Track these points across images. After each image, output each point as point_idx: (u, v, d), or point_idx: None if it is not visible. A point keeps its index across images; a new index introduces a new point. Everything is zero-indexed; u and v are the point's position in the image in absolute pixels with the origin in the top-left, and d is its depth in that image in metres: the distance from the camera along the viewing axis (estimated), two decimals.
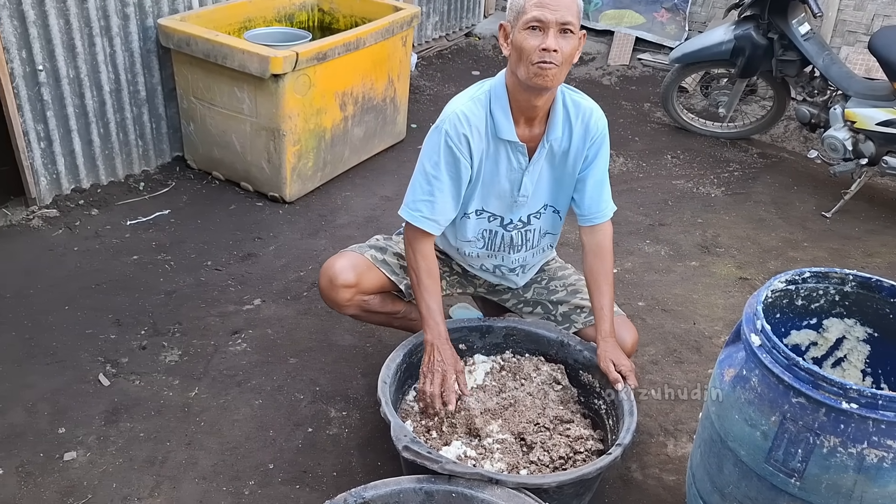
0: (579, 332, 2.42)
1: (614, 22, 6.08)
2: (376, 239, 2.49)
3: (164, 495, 2.21)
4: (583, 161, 2.23)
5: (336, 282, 2.31)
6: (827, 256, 3.62)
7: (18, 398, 2.51)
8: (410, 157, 4.31)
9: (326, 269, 2.34)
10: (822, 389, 1.58)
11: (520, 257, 2.40)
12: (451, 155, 2.12)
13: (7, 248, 3.26)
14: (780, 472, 1.67)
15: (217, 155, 3.82)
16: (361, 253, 2.38)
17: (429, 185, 2.15)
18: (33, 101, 3.32)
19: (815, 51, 4.09)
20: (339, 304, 2.35)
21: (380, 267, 2.36)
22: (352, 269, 2.32)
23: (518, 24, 1.99)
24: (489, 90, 2.15)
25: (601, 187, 2.28)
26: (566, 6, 1.96)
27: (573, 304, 2.45)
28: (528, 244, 2.38)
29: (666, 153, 4.58)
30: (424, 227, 2.18)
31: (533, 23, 1.95)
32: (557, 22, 1.95)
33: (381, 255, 2.39)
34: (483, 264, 2.43)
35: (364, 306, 2.39)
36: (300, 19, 4.39)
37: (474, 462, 2.07)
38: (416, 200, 2.17)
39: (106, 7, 3.44)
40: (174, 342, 2.81)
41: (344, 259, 2.35)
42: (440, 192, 2.15)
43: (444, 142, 2.11)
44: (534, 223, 2.34)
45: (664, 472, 2.39)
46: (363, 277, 2.33)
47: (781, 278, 1.90)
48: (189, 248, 3.37)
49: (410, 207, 2.18)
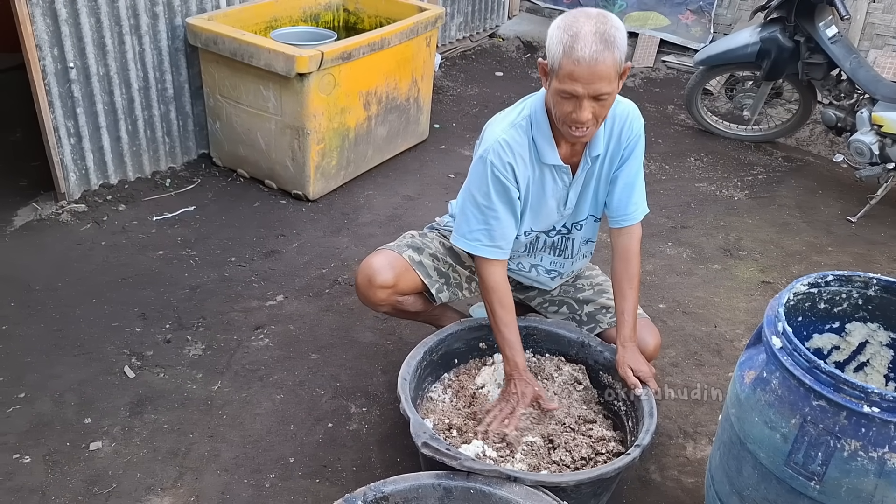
0: (604, 333, 2.42)
1: (639, 24, 6.06)
2: (412, 236, 2.47)
3: (187, 486, 2.24)
4: (618, 160, 2.21)
5: (374, 282, 2.30)
6: (852, 261, 3.59)
7: (46, 388, 2.56)
8: (433, 156, 4.34)
9: (365, 268, 2.33)
10: (843, 393, 1.57)
11: (559, 262, 2.40)
12: (500, 184, 2.10)
13: (36, 242, 3.32)
14: (799, 475, 1.67)
15: (242, 153, 3.87)
16: (400, 253, 2.36)
17: (482, 214, 2.13)
18: (64, 97, 3.38)
19: (842, 54, 4.05)
20: (374, 303, 2.36)
21: (416, 269, 2.35)
22: (390, 270, 2.31)
23: (553, 80, 1.93)
24: (529, 116, 2.11)
25: (631, 189, 2.24)
26: (601, 76, 1.87)
27: (599, 303, 2.45)
28: (567, 251, 2.38)
29: (689, 156, 4.56)
30: (488, 255, 2.17)
31: (564, 94, 1.92)
32: (590, 95, 1.90)
33: (417, 255, 2.38)
34: (520, 262, 2.42)
35: (397, 306, 2.40)
36: (326, 19, 4.42)
37: (493, 461, 2.08)
38: (472, 231, 2.15)
39: (136, 6, 3.50)
40: (198, 336, 2.85)
41: (382, 258, 2.34)
42: (495, 219, 2.13)
43: (491, 172, 2.08)
44: (575, 233, 2.34)
45: (683, 473, 2.39)
46: (401, 279, 2.33)
47: (804, 281, 1.89)
48: (213, 244, 3.41)
49: (468, 238, 2.17)
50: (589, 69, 1.85)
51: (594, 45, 1.84)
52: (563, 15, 1.94)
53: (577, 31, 1.85)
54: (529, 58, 6.00)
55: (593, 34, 1.85)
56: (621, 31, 1.89)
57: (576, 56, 1.85)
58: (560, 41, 1.88)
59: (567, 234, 2.34)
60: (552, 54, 1.91)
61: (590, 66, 1.85)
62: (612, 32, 1.87)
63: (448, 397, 2.33)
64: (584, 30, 1.85)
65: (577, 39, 1.85)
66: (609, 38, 1.86)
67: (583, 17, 1.88)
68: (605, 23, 1.87)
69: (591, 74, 1.86)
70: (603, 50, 1.85)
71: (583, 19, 1.87)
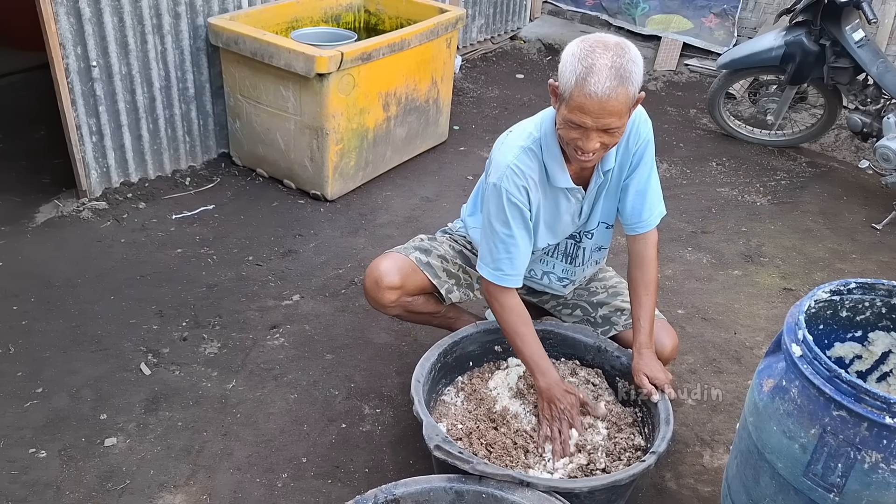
0: (619, 336, 2.39)
1: (661, 27, 6.02)
2: (420, 239, 2.48)
3: (199, 484, 2.25)
4: (627, 168, 2.18)
5: (381, 284, 2.31)
6: (876, 269, 3.52)
7: (63, 384, 2.58)
8: (452, 158, 4.33)
9: (372, 271, 2.35)
10: (864, 403, 1.54)
11: (570, 269, 2.38)
12: (517, 209, 2.08)
13: (57, 239, 3.35)
14: (818, 486, 1.63)
15: (261, 152, 3.88)
16: (406, 255, 2.37)
17: (503, 244, 2.11)
18: (87, 96, 3.41)
19: (868, 58, 3.99)
20: (383, 305, 2.36)
21: (423, 269, 2.36)
22: (397, 272, 2.32)
23: (562, 106, 1.89)
24: (540, 139, 2.07)
25: (644, 196, 2.21)
26: (611, 112, 1.83)
27: (614, 305, 2.43)
28: (579, 258, 2.36)
29: (711, 160, 4.51)
30: (510, 285, 2.15)
31: (572, 123, 1.88)
32: (598, 128, 1.86)
33: (425, 257, 2.39)
34: (532, 270, 2.40)
35: (407, 307, 2.40)
36: (347, 20, 4.43)
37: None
38: (495, 261, 2.13)
39: (158, 5, 3.52)
40: (214, 335, 2.86)
41: (389, 260, 2.35)
42: (515, 247, 2.12)
43: (508, 200, 2.06)
44: (585, 241, 2.32)
45: (699, 482, 2.35)
46: (408, 279, 2.34)
47: (825, 288, 1.85)
48: (231, 243, 3.42)
49: (492, 268, 2.14)
50: (600, 104, 1.81)
51: (608, 81, 1.79)
52: (582, 41, 1.87)
53: (592, 64, 1.79)
54: (551, 60, 5.97)
55: (609, 68, 1.79)
56: (638, 64, 1.84)
57: (588, 90, 1.80)
58: (574, 71, 1.82)
59: (577, 242, 2.32)
60: (564, 81, 1.85)
61: (601, 101, 1.80)
62: (628, 66, 1.81)
63: (460, 401, 2.32)
64: (600, 63, 1.79)
65: (592, 73, 1.79)
66: (625, 73, 1.80)
67: (600, 48, 1.81)
68: (622, 55, 1.81)
69: (601, 110, 1.82)
70: (617, 86, 1.80)
71: (600, 50, 1.81)
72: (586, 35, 1.89)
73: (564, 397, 2.13)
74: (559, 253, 2.35)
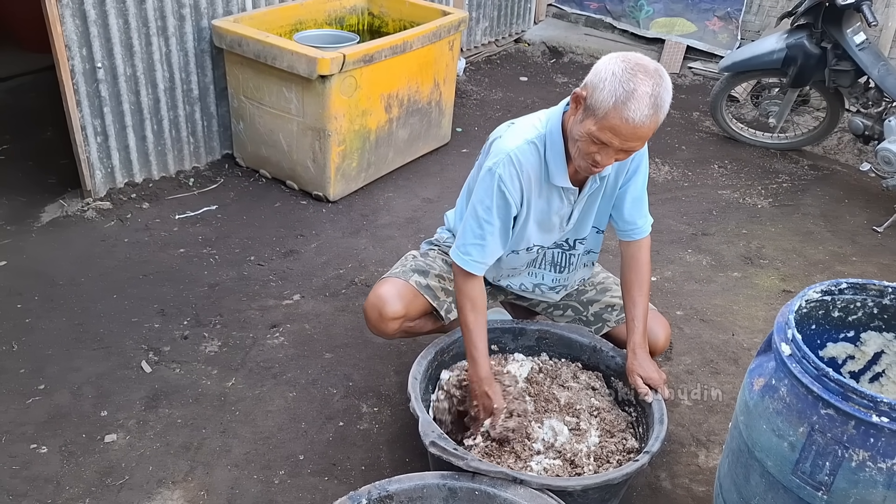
0: (611, 332, 2.41)
1: (665, 30, 6.02)
2: (413, 258, 2.45)
3: (198, 480, 2.27)
4: (624, 175, 2.19)
5: (386, 315, 2.30)
6: (876, 272, 3.52)
7: (65, 381, 2.61)
8: (454, 160, 4.35)
9: (374, 301, 2.32)
10: (851, 401, 1.55)
11: (561, 277, 2.39)
12: (503, 199, 2.07)
13: (62, 238, 3.39)
14: (807, 484, 1.64)
15: (264, 153, 3.91)
16: (406, 280, 2.35)
17: (480, 229, 2.10)
18: (91, 97, 3.45)
19: (870, 61, 3.99)
20: (386, 334, 2.37)
21: (424, 293, 2.35)
22: (399, 300, 2.30)
23: (588, 120, 1.86)
24: (545, 134, 2.05)
25: (640, 203, 2.22)
26: (641, 137, 1.84)
27: (604, 302, 2.44)
28: (569, 266, 2.37)
29: (713, 163, 4.52)
30: (473, 271, 2.13)
31: (596, 140, 1.87)
32: (622, 149, 1.87)
33: (423, 279, 2.37)
34: (522, 283, 2.42)
35: (409, 330, 2.41)
36: (350, 22, 4.46)
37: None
38: (466, 244, 2.12)
39: (163, 8, 3.56)
40: (215, 333, 2.88)
41: (390, 288, 2.33)
42: (491, 235, 2.10)
43: (498, 186, 2.04)
44: (578, 247, 2.32)
45: (694, 482, 2.36)
46: (410, 306, 2.33)
47: (817, 288, 1.87)
48: (234, 243, 3.45)
49: (461, 251, 2.13)
50: (633, 130, 1.81)
51: (647, 109, 1.78)
52: (622, 59, 1.83)
53: (634, 90, 1.77)
54: (555, 63, 5.99)
55: (649, 96, 1.78)
56: (670, 93, 1.83)
57: (626, 115, 1.79)
58: (613, 92, 1.79)
59: (569, 250, 2.32)
60: (600, 100, 1.81)
61: (636, 127, 1.80)
62: (664, 97, 1.81)
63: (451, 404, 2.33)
64: (641, 90, 1.77)
65: (633, 98, 1.77)
66: (661, 104, 1.81)
67: (641, 73, 1.79)
68: (661, 84, 1.80)
69: (632, 135, 1.82)
70: (652, 114, 1.80)
71: (641, 76, 1.78)
72: (624, 53, 1.86)
73: (481, 397, 2.14)
74: (546, 263, 2.35)
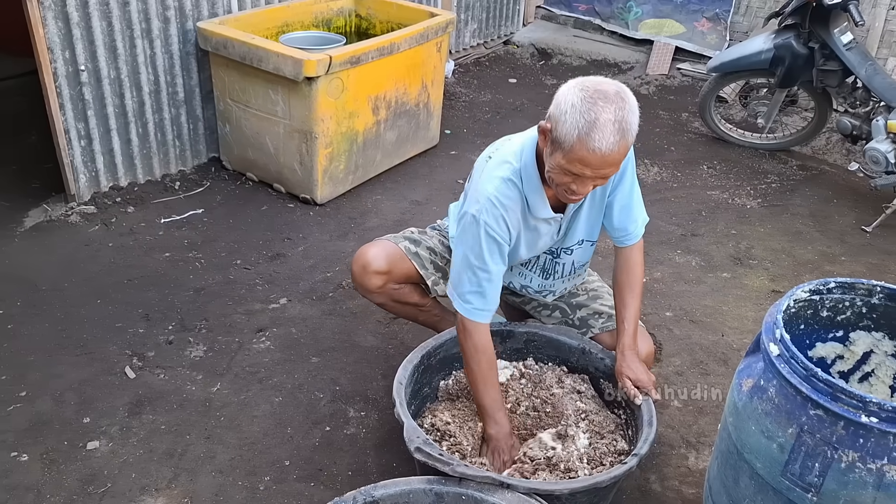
0: (595, 338, 2.39)
1: (654, 31, 6.02)
2: (411, 231, 2.49)
3: (181, 487, 2.24)
4: (610, 185, 2.15)
5: (369, 268, 2.34)
6: (865, 271, 3.52)
7: (47, 387, 2.57)
8: (443, 162, 4.33)
9: (360, 256, 2.38)
10: (840, 402, 1.53)
11: (547, 283, 2.37)
12: (495, 243, 2.05)
13: (45, 243, 3.35)
14: (796, 486, 1.62)
15: (251, 156, 3.88)
16: (396, 243, 2.39)
17: (476, 277, 2.07)
18: (75, 100, 3.42)
19: (857, 61, 3.99)
20: (369, 289, 2.38)
21: (412, 259, 2.37)
22: (385, 258, 2.34)
23: (557, 154, 1.83)
24: (520, 169, 2.03)
25: (629, 210, 2.19)
26: (612, 163, 1.81)
27: (592, 308, 2.42)
28: (556, 274, 2.35)
29: (702, 163, 4.51)
30: (479, 319, 2.10)
31: (568, 173, 1.84)
32: (596, 177, 1.85)
33: (414, 247, 2.40)
34: (511, 282, 2.40)
35: (394, 295, 2.41)
36: (337, 24, 4.44)
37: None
38: (465, 293, 2.09)
39: (147, 10, 3.53)
40: (200, 338, 2.85)
41: (377, 247, 2.38)
42: (488, 282, 2.07)
43: (485, 233, 2.02)
44: (564, 258, 2.30)
45: (684, 484, 2.34)
46: (395, 266, 2.35)
47: (805, 288, 1.85)
48: (220, 247, 3.42)
49: (463, 300, 2.09)
50: (601, 159, 1.78)
51: (612, 136, 1.75)
52: (579, 88, 1.79)
53: (595, 119, 1.74)
54: (544, 65, 5.98)
55: (612, 123, 1.75)
56: (636, 114, 1.80)
57: (592, 146, 1.76)
58: (576, 125, 1.76)
59: (556, 258, 2.30)
60: (564, 133, 1.78)
61: (604, 156, 1.78)
62: (630, 119, 1.78)
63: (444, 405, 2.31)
64: (603, 118, 1.74)
65: (596, 128, 1.74)
66: (627, 128, 1.78)
67: (601, 101, 1.75)
68: (624, 108, 1.77)
69: (602, 163, 1.79)
70: (619, 140, 1.77)
71: (601, 103, 1.75)
72: (581, 79, 1.83)
73: (509, 451, 2.14)
74: (537, 268, 2.34)
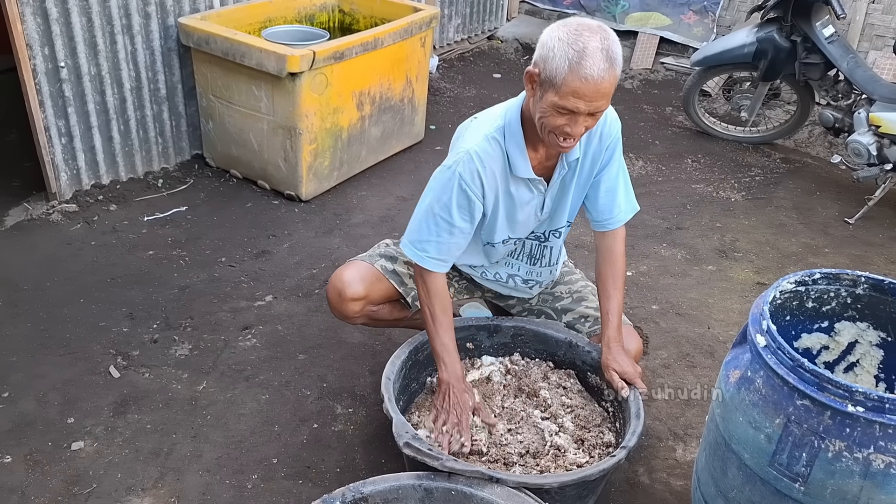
0: None
1: (640, 23, 6.03)
2: (385, 245, 2.44)
3: (168, 487, 2.22)
4: (598, 164, 2.16)
5: (345, 295, 2.28)
6: (849, 263, 3.55)
7: (30, 388, 2.54)
8: (428, 158, 4.31)
9: (335, 282, 2.30)
10: (827, 392, 1.54)
11: (535, 270, 2.36)
12: (465, 197, 2.03)
13: (26, 242, 3.31)
14: (784, 476, 1.63)
15: (235, 153, 3.85)
16: (371, 263, 2.34)
17: (436, 226, 2.05)
18: (55, 97, 3.37)
19: (839, 54, 4.02)
20: (347, 316, 2.34)
21: (389, 278, 2.33)
22: (360, 282, 2.28)
23: (549, 93, 1.83)
24: (504, 126, 2.03)
25: (614, 194, 2.19)
26: (604, 94, 1.81)
27: (578, 312, 2.41)
28: (544, 259, 2.34)
29: (686, 157, 4.53)
30: (433, 268, 2.10)
31: (563, 109, 1.83)
32: (589, 111, 1.84)
33: (390, 264, 2.35)
34: (497, 273, 2.39)
35: (373, 316, 2.38)
36: (321, 20, 4.41)
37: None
38: (422, 241, 2.08)
39: (128, 5, 3.48)
40: (185, 336, 2.83)
41: (352, 269, 2.31)
42: (448, 233, 2.06)
43: (458, 185, 2.00)
44: (553, 241, 2.29)
45: (672, 476, 2.35)
46: (372, 289, 2.30)
47: (790, 279, 1.86)
48: (204, 245, 3.39)
49: (416, 247, 2.09)
50: (595, 87, 1.78)
51: (602, 63, 1.76)
52: (562, 26, 1.82)
53: (585, 47, 1.75)
54: (528, 60, 5.96)
55: (601, 51, 1.76)
56: (619, 45, 1.83)
57: (584, 73, 1.76)
58: (565, 56, 1.77)
59: (544, 242, 2.30)
60: (554, 68, 1.79)
61: (596, 84, 1.78)
62: (615, 49, 1.80)
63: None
64: (592, 45, 1.76)
65: (585, 56, 1.75)
66: (613, 56, 1.79)
67: (587, 32, 1.78)
68: (608, 38, 1.79)
69: (595, 92, 1.79)
70: (609, 68, 1.78)
71: (587, 34, 1.77)
72: (563, 20, 1.87)
73: (461, 394, 2.11)
74: (524, 255, 2.33)
